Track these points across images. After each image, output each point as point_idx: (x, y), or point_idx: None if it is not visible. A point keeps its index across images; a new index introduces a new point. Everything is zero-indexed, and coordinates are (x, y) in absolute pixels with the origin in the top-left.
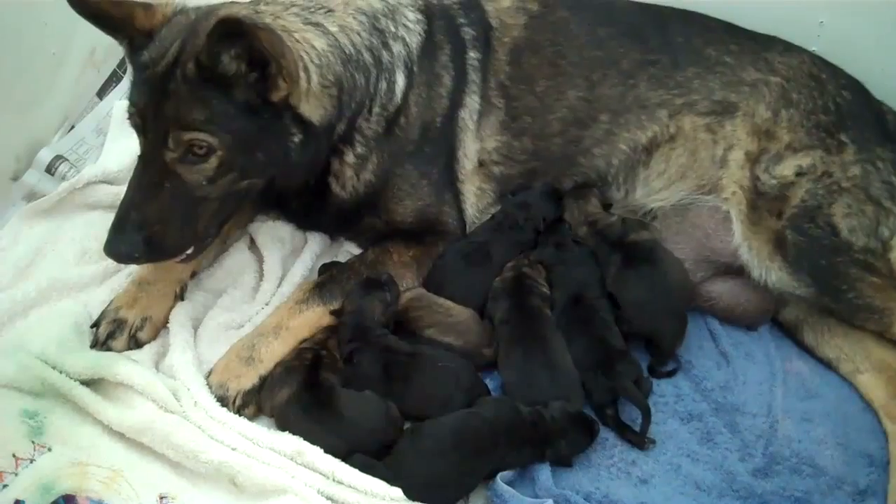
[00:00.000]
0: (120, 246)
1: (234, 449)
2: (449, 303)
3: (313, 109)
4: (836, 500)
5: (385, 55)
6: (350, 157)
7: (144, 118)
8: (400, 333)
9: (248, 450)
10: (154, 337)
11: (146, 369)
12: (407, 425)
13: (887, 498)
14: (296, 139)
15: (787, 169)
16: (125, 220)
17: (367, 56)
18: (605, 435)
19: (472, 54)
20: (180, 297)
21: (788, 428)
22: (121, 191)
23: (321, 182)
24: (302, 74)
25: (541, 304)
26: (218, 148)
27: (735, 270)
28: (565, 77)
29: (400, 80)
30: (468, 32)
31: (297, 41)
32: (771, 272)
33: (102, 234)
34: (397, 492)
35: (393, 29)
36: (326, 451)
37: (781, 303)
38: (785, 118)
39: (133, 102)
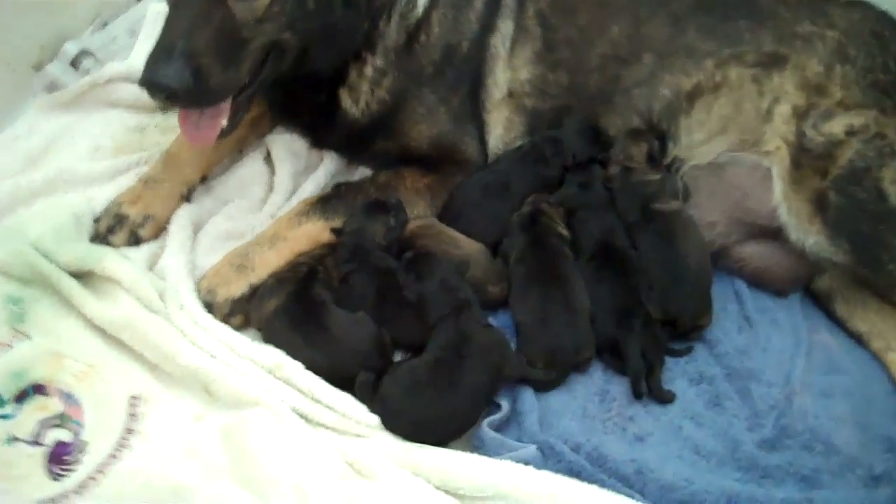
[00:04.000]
0: (164, 73)
1: (212, 356)
2: (459, 235)
3: None
4: (846, 482)
5: None
6: (369, 69)
7: None
8: None
9: (226, 358)
10: (155, 236)
11: (136, 267)
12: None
13: None
14: None
15: (836, 126)
16: (171, 46)
17: None
18: (607, 387)
19: None
20: (186, 198)
21: (805, 401)
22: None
23: (332, 96)
24: None
25: (559, 244)
26: None
27: (771, 234)
28: (611, 10)
29: None
30: None
31: None
32: (809, 235)
33: (119, 133)
34: (374, 419)
35: None
36: (308, 368)
37: (816, 271)
38: (839, 74)
39: None
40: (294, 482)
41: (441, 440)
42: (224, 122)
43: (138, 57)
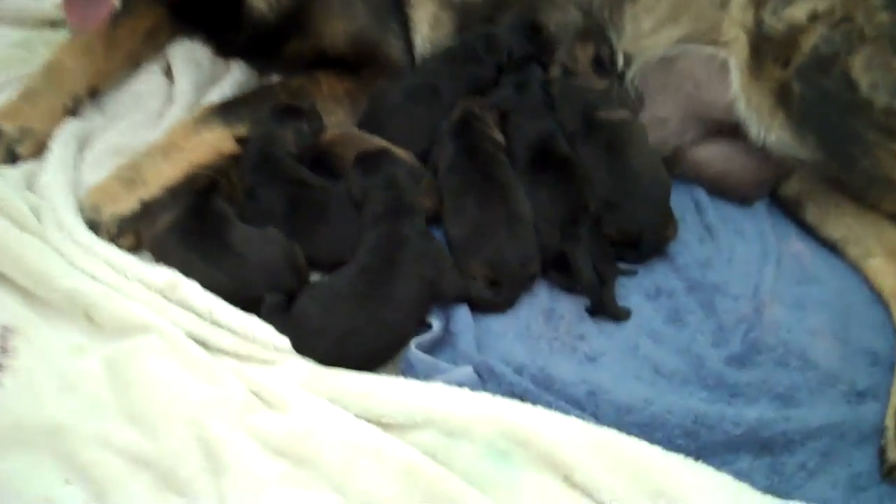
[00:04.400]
0: None
1: (94, 278)
2: (382, 142)
3: None
4: (826, 398)
5: None
6: None
7: None
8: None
9: (110, 280)
10: (35, 153)
11: (7, 183)
12: (315, 278)
13: (889, 402)
14: None
15: (798, 11)
16: None
17: None
18: (553, 305)
19: None
20: (72, 112)
21: (777, 314)
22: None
23: None
24: None
25: (493, 150)
26: None
27: (729, 130)
28: None
29: None
30: None
31: None
32: (771, 131)
33: (1, 49)
34: (284, 341)
35: None
36: (207, 289)
37: (783, 174)
38: None
39: None
40: (189, 416)
41: (364, 364)
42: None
43: None
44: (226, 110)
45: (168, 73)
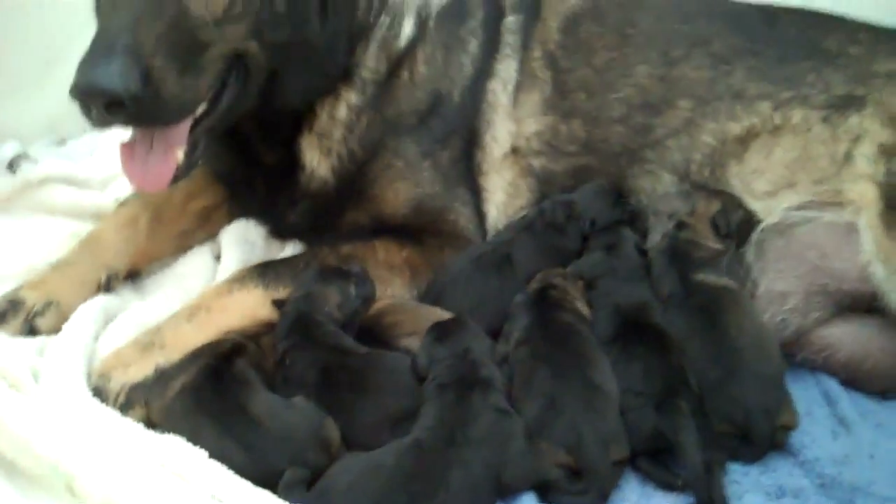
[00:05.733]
0: (105, 72)
1: (79, 445)
2: (446, 313)
3: None
4: None
5: None
6: (343, 108)
7: None
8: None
9: (98, 448)
10: (57, 329)
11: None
12: None
13: None
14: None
15: None
16: (113, 42)
17: None
18: (643, 501)
19: (511, 17)
20: (105, 288)
21: None
22: (84, 196)
23: (293, 157)
24: None
25: (574, 321)
26: None
27: (864, 305)
28: (635, 49)
29: (407, 27)
30: None
31: None
32: None
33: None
34: None
35: None
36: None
37: None
38: None
39: None
40: None
41: None
42: (180, 154)
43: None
44: (265, 270)
45: (219, 257)
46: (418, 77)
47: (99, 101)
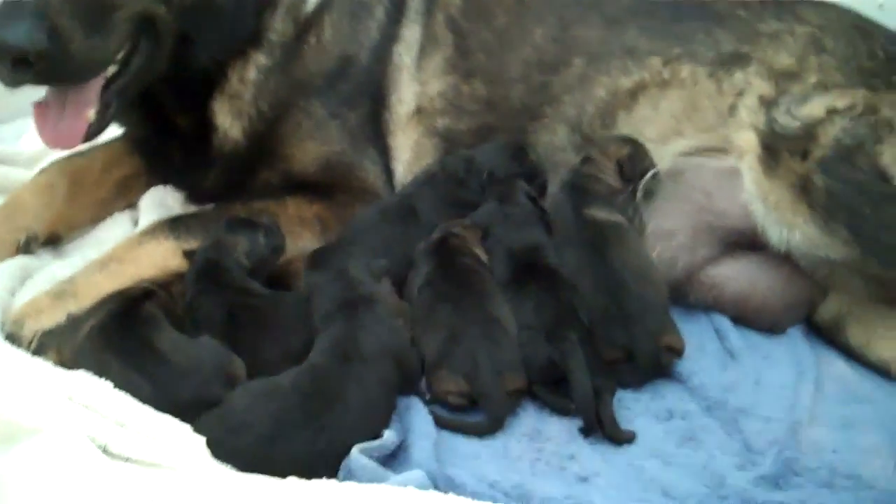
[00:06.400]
0: (13, 32)
1: None
2: None
3: None
4: None
5: None
6: (252, 70)
7: None
8: None
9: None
10: None
11: None
12: None
13: None
14: None
15: (815, 107)
16: (20, 3)
17: None
18: (539, 426)
19: None
20: (24, 250)
21: (818, 434)
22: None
23: (206, 119)
24: None
25: (473, 264)
26: None
27: (748, 241)
28: (532, 12)
29: None
30: None
31: None
32: (795, 229)
33: None
34: (197, 442)
35: None
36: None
37: (816, 295)
38: (814, 63)
39: None
40: None
41: (294, 471)
42: (91, 114)
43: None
44: (176, 222)
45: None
46: (325, 41)
47: (6, 57)
